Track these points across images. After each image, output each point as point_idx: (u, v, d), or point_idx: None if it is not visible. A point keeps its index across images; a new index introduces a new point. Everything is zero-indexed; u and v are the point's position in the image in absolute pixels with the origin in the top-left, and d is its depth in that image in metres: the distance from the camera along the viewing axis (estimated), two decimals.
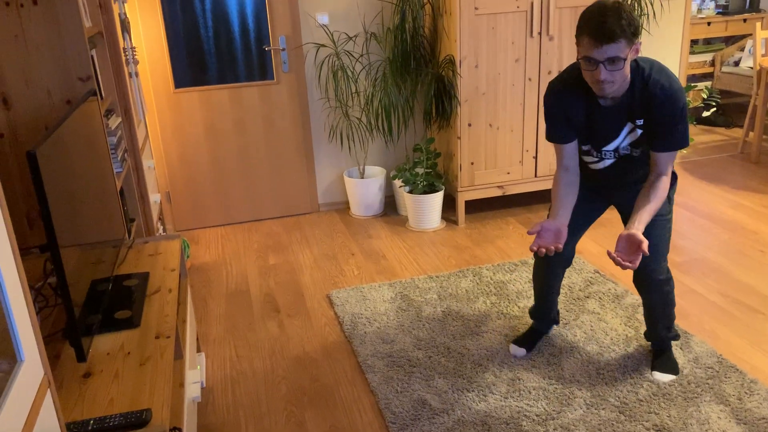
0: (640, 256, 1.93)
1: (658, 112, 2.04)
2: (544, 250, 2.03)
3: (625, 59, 1.94)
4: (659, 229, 2.26)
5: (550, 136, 2.23)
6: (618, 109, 2.10)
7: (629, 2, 4.34)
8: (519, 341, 2.65)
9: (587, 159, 2.29)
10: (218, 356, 2.77)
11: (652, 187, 2.08)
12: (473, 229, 3.95)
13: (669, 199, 2.29)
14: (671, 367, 2.46)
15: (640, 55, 2.04)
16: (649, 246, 2.22)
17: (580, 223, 2.42)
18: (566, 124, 2.18)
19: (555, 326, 2.79)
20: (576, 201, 2.32)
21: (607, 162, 2.25)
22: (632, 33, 1.91)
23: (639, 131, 2.12)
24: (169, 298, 2.01)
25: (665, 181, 2.09)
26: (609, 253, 1.92)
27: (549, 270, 2.52)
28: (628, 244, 1.96)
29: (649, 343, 2.59)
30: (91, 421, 1.44)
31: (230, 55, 3.95)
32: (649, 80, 2.03)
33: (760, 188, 4.30)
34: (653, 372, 2.46)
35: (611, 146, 2.20)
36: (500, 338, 2.74)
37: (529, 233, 2.04)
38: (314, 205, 4.38)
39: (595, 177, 2.33)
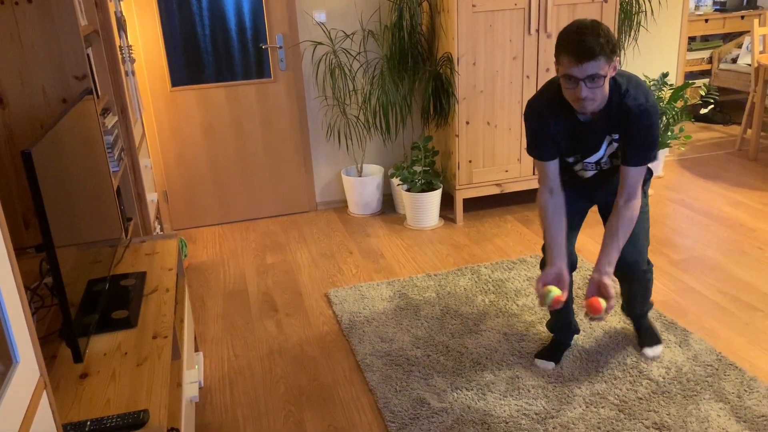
0: (611, 309, 2.06)
1: (633, 126, 2.09)
2: (557, 306, 2.11)
3: (604, 76, 1.99)
4: (638, 223, 2.31)
5: (533, 153, 2.26)
6: (597, 124, 2.15)
7: (627, 0, 4.34)
8: (544, 355, 2.58)
9: (575, 168, 2.33)
10: (216, 356, 2.76)
11: (620, 218, 2.14)
12: (471, 227, 3.94)
13: (644, 193, 2.36)
14: (655, 338, 2.61)
15: (620, 68, 2.11)
16: (631, 240, 2.30)
17: (572, 225, 2.44)
18: (548, 141, 2.21)
19: (576, 335, 2.73)
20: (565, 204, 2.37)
21: (589, 173, 2.31)
22: (611, 50, 1.96)
23: (615, 144, 2.19)
24: (166, 298, 2.00)
25: (634, 208, 2.14)
26: (585, 311, 2.06)
27: None
28: (598, 290, 2.10)
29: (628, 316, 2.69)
30: (88, 422, 1.43)
31: (227, 53, 3.94)
32: (626, 95, 2.09)
33: (758, 185, 4.30)
34: (642, 349, 2.58)
35: (593, 159, 2.25)
36: (499, 336, 2.73)
37: (542, 304, 2.12)
38: (312, 204, 4.37)
39: (579, 181, 2.39)
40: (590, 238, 3.64)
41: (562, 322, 2.60)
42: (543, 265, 2.52)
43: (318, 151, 4.27)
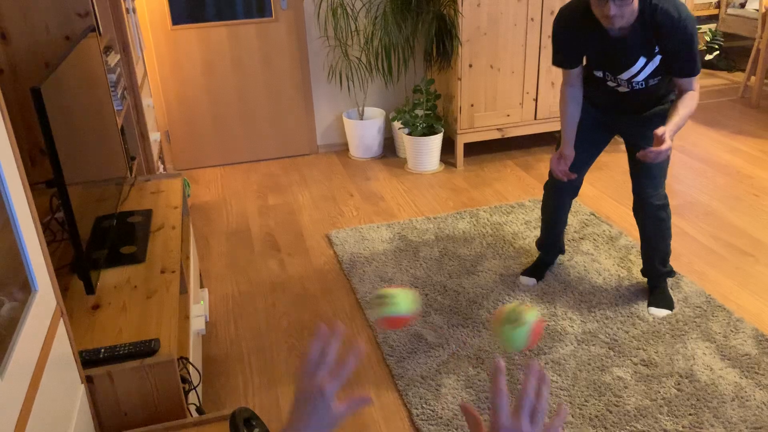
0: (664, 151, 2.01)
1: (667, 40, 2.10)
2: (565, 178, 2.32)
3: None
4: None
5: (557, 61, 2.33)
6: (630, 41, 2.15)
7: None
8: (528, 272, 2.78)
9: (609, 84, 2.34)
10: (221, 292, 2.84)
11: (680, 100, 2.17)
12: (471, 171, 3.97)
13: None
14: (666, 303, 2.55)
15: None
16: (647, 171, 2.37)
17: (589, 153, 2.51)
18: (573, 52, 2.28)
19: (561, 256, 2.91)
20: (583, 130, 2.45)
21: (624, 89, 2.32)
22: None
23: (658, 57, 2.17)
24: (172, 235, 2.06)
25: (692, 95, 2.17)
26: (641, 152, 2.02)
27: (559, 200, 2.62)
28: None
29: (645, 279, 2.68)
30: (102, 350, 1.50)
31: None
32: (656, 9, 2.08)
33: (758, 133, 4.31)
34: (649, 308, 2.55)
35: (625, 75, 2.25)
36: (495, 277, 2.81)
37: (558, 173, 2.30)
38: (313, 147, 4.39)
39: (609, 96, 2.38)
40: (588, 183, 3.68)
41: (550, 239, 2.74)
42: (548, 187, 2.66)
43: (319, 93, 4.26)
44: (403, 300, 1.18)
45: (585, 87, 2.40)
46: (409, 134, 3.94)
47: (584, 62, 2.36)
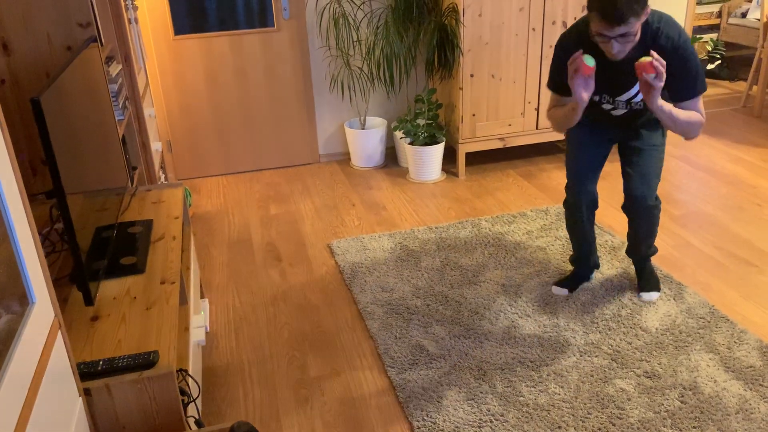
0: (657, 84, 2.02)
1: (670, 64, 2.11)
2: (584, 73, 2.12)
3: (636, 33, 2.02)
4: (651, 157, 2.40)
5: (554, 86, 2.31)
6: (629, 64, 2.17)
7: None
8: (562, 283, 2.76)
9: (604, 107, 2.38)
10: (221, 302, 2.83)
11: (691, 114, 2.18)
12: (473, 181, 3.97)
13: (662, 133, 2.45)
14: (654, 284, 2.68)
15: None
16: (641, 172, 2.39)
17: (594, 164, 2.52)
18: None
19: (596, 270, 2.87)
20: (582, 144, 2.48)
21: (620, 111, 2.36)
22: (641, 8, 1.97)
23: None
24: (173, 245, 2.05)
25: (698, 115, 2.18)
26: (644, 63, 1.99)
27: (580, 214, 2.59)
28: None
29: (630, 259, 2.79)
30: (101, 362, 1.49)
31: (230, 1, 3.89)
32: (657, 34, 2.11)
33: (760, 142, 4.30)
34: (640, 294, 2.67)
35: (624, 97, 2.29)
36: (497, 288, 2.79)
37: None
38: (315, 156, 4.39)
39: (605, 119, 2.43)
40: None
41: (583, 256, 2.72)
42: (566, 204, 2.63)
43: (321, 102, 4.26)
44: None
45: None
46: (411, 144, 3.94)
47: None
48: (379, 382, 2.30)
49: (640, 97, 2.26)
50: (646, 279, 2.70)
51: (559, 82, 2.30)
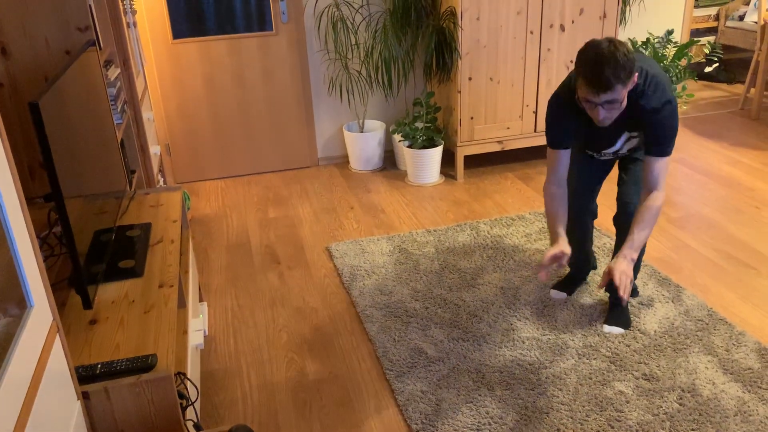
0: (630, 287, 2.15)
1: (650, 125, 2.17)
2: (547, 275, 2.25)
3: (622, 99, 2.06)
4: (641, 168, 2.44)
5: (549, 139, 2.34)
6: (613, 125, 2.24)
7: None
8: (559, 286, 2.76)
9: (588, 152, 2.49)
10: (220, 306, 2.83)
11: (644, 207, 2.21)
12: (471, 184, 3.97)
13: None
14: (624, 322, 2.51)
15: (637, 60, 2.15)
16: (635, 181, 2.43)
17: (594, 182, 2.56)
18: (563, 134, 2.31)
19: (593, 271, 2.89)
20: (582, 166, 2.54)
21: (606, 158, 2.48)
22: (627, 76, 2.00)
23: (635, 140, 2.32)
24: (171, 249, 2.05)
25: (658, 197, 2.20)
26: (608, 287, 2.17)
27: (580, 226, 2.65)
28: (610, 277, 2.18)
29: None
30: (99, 365, 1.49)
31: (228, 4, 3.90)
32: (642, 96, 2.15)
33: (759, 145, 4.31)
34: (604, 325, 2.52)
35: (610, 150, 2.40)
36: (496, 290, 2.80)
37: (543, 277, 2.21)
38: (313, 159, 4.39)
39: (595, 160, 2.53)
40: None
41: (581, 258, 2.73)
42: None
43: (320, 105, 4.27)
44: None
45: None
46: (410, 147, 3.94)
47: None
48: (378, 385, 2.30)
49: (625, 149, 2.36)
50: (616, 315, 2.53)
51: (555, 138, 2.31)
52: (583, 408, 2.13)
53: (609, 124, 2.15)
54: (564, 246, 2.22)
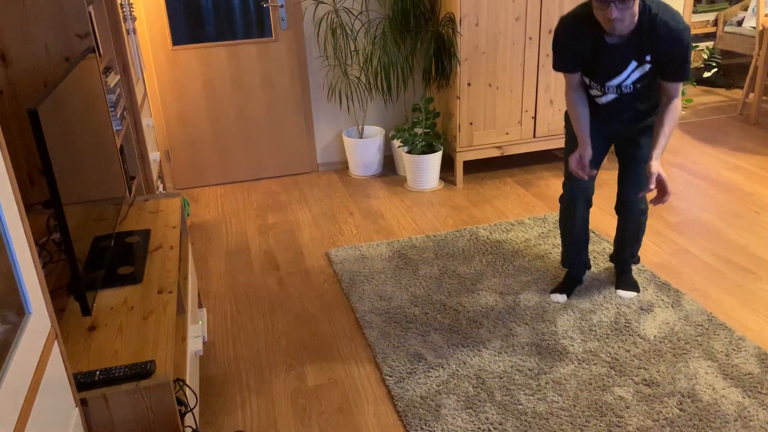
0: (666, 195, 2.25)
1: (664, 49, 2.21)
2: (586, 177, 2.41)
3: (634, 3, 2.09)
4: (644, 164, 2.49)
5: (558, 66, 2.41)
6: (624, 47, 2.26)
7: None
8: (558, 289, 2.79)
9: (591, 92, 2.46)
10: (219, 312, 2.82)
11: (665, 111, 2.29)
12: (471, 189, 3.97)
13: None
14: (634, 286, 2.77)
15: None
16: (635, 180, 2.52)
17: (592, 162, 2.56)
18: (572, 57, 2.36)
19: (588, 271, 2.92)
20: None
21: (610, 96, 2.42)
22: None
23: (648, 66, 2.29)
24: (170, 255, 2.05)
25: (677, 103, 2.29)
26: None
27: (575, 212, 2.65)
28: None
29: (613, 265, 2.89)
30: (97, 372, 1.49)
31: (228, 11, 3.91)
32: (655, 19, 2.18)
33: (757, 150, 4.31)
34: (617, 290, 2.76)
35: (615, 82, 2.36)
36: (495, 296, 2.79)
37: (579, 172, 2.37)
38: (313, 165, 4.39)
39: (597, 109, 2.50)
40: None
41: (574, 254, 2.75)
42: (564, 180, 2.69)
43: (319, 111, 4.27)
44: None
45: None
46: (409, 152, 3.95)
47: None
48: (377, 391, 2.30)
49: (630, 81, 2.33)
50: (626, 281, 2.79)
51: (562, 61, 2.38)
52: (583, 413, 2.12)
53: (621, 31, 2.16)
54: (582, 149, 2.39)
